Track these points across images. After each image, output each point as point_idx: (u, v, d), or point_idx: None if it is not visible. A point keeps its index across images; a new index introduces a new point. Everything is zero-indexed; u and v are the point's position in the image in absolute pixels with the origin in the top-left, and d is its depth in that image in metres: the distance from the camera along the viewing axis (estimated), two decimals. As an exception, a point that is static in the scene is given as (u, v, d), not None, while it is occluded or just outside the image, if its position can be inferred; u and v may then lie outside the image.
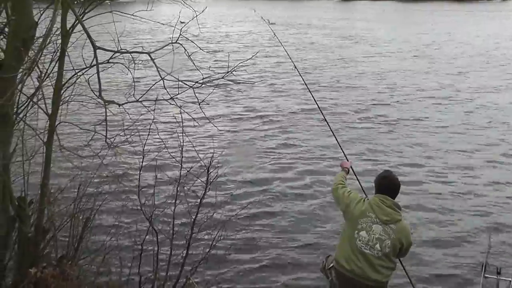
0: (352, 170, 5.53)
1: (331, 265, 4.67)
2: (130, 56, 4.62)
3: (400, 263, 4.95)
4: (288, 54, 7.78)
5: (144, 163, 5.15)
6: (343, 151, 6.36)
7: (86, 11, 4.63)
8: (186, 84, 4.45)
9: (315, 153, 11.92)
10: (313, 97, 7.01)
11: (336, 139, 6.82)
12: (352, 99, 17.54)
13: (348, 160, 5.63)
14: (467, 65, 25.31)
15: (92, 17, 4.74)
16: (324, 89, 19.05)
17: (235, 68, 4.79)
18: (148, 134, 5.15)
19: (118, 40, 4.71)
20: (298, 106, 16.20)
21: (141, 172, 5.14)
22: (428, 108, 16.55)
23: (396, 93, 18.68)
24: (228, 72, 4.66)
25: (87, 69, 4.46)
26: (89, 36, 3.90)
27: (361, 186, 5.67)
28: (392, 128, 14.11)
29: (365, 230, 4.38)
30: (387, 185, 4.54)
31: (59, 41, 4.50)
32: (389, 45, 32.64)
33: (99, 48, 3.97)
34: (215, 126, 9.26)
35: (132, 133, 5.20)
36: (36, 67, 4.27)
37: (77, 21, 4.23)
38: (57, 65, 4.49)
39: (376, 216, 4.37)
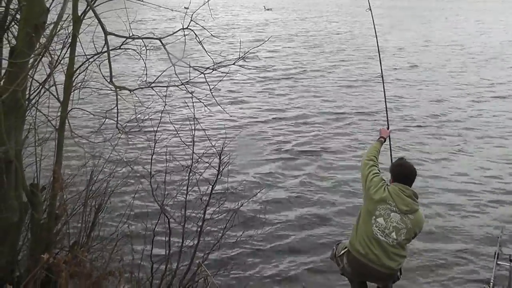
0: (389, 140, 5.33)
1: (342, 252, 4.63)
2: (142, 43, 4.60)
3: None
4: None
5: (156, 149, 5.14)
6: (387, 117, 5.93)
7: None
8: (198, 70, 4.43)
9: (327, 144, 11.89)
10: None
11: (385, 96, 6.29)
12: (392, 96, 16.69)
13: (388, 129, 5.39)
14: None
15: (104, 2, 4.70)
16: (365, 84, 18.80)
17: (246, 54, 4.76)
18: (160, 120, 5.14)
19: (130, 27, 4.68)
20: (314, 102, 16.07)
21: (153, 158, 5.13)
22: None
23: (438, 88, 18.27)
24: (238, 58, 4.64)
25: (98, 55, 4.42)
26: (100, 22, 3.88)
27: (391, 158, 5.30)
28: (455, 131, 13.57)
29: (383, 217, 4.35)
30: (405, 173, 4.51)
31: (71, 27, 4.47)
32: (420, 37, 31.88)
33: (110, 33, 3.95)
34: (226, 112, 9.20)
35: (144, 119, 5.18)
36: (47, 53, 4.25)
37: (89, 7, 4.20)
38: (68, 51, 4.47)
39: (396, 205, 4.34)
